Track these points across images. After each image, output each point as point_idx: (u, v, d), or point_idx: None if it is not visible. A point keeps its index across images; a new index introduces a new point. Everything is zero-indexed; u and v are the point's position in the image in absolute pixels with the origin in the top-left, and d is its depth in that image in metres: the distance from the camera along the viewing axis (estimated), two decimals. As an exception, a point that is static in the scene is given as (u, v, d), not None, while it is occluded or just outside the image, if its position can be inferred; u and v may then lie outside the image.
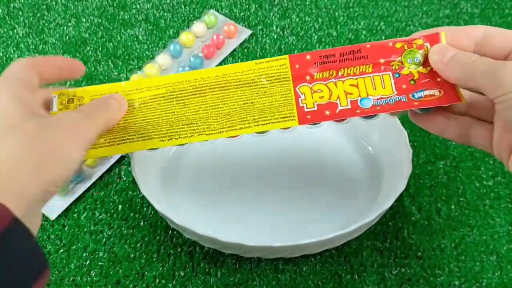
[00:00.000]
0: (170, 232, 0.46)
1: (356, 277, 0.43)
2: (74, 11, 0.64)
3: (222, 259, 0.44)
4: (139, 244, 0.45)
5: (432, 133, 0.36)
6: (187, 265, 0.44)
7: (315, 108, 0.35)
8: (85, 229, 0.46)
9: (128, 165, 0.50)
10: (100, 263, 0.44)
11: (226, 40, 0.61)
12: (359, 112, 0.34)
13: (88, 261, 0.44)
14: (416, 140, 0.52)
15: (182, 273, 0.44)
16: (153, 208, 0.47)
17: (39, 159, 0.28)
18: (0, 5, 0.65)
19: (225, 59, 0.60)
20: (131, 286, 0.43)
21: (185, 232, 0.42)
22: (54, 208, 0.47)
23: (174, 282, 0.43)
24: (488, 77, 0.30)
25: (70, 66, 0.36)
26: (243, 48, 0.61)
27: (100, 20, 0.63)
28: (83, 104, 0.36)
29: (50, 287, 0.43)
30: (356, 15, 0.65)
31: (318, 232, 0.39)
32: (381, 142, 0.49)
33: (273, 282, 0.43)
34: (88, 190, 0.49)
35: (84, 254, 0.45)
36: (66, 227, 0.47)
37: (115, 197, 0.48)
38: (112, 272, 0.44)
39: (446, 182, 0.49)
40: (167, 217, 0.41)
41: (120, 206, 0.48)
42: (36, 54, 0.60)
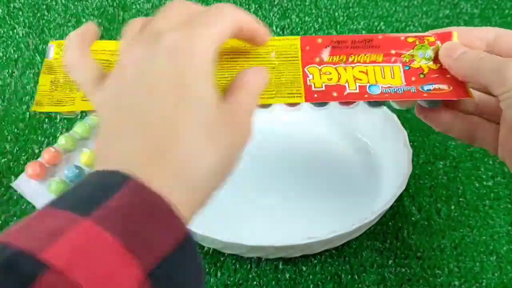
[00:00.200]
0: (170, 232, 0.46)
1: (356, 277, 0.43)
2: (74, 11, 0.64)
3: (222, 259, 0.44)
4: (139, 244, 0.45)
5: (438, 131, 0.35)
6: (187, 265, 0.44)
7: (323, 88, 0.34)
8: (85, 229, 0.46)
9: (128, 165, 0.50)
10: (100, 263, 0.44)
11: (226, 40, 0.61)
12: (367, 97, 0.33)
13: (88, 261, 0.44)
14: (416, 140, 0.52)
15: (182, 273, 0.43)
16: (153, 208, 0.47)
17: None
18: (0, 5, 0.65)
19: (225, 59, 0.60)
20: (131, 286, 0.43)
21: (185, 232, 0.42)
22: (54, 208, 0.47)
23: (174, 282, 0.43)
24: (495, 74, 0.30)
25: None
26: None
27: (100, 20, 0.63)
28: None
29: None
30: (356, 15, 0.65)
31: (318, 232, 0.39)
32: (381, 142, 0.49)
33: (273, 282, 0.43)
34: (88, 190, 0.49)
35: (84, 254, 0.45)
36: (66, 227, 0.46)
37: (115, 197, 0.48)
38: (112, 272, 0.44)
39: (446, 183, 0.49)
40: (167, 217, 0.41)
41: (120, 206, 0.48)
42: (36, 54, 0.60)
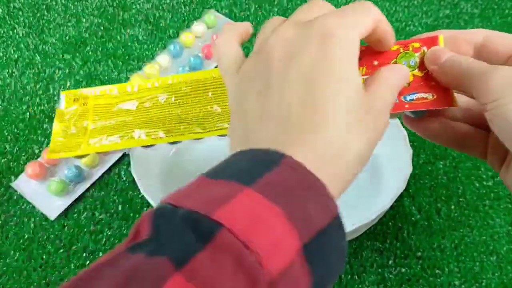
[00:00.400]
0: (170, 232, 0.46)
1: (356, 277, 0.43)
2: (74, 11, 0.64)
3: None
4: (139, 244, 0.45)
5: (426, 139, 0.35)
6: (187, 265, 0.44)
7: None
8: (85, 229, 0.46)
9: (128, 165, 0.50)
10: (100, 263, 0.44)
11: (226, 40, 0.61)
12: None
13: (88, 261, 0.44)
14: (416, 140, 0.52)
15: (182, 273, 0.44)
16: (153, 208, 0.47)
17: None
18: (0, 5, 0.65)
19: (225, 59, 0.60)
20: (131, 286, 0.43)
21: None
22: (54, 208, 0.47)
23: (174, 282, 0.43)
24: (480, 82, 0.28)
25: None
26: (243, 48, 0.61)
27: (100, 20, 0.63)
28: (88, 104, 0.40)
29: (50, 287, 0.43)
30: (356, 15, 0.65)
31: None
32: (381, 142, 0.49)
33: (273, 282, 0.43)
34: (88, 190, 0.49)
35: (84, 254, 0.45)
36: (66, 227, 0.47)
37: (115, 197, 0.48)
38: (112, 272, 0.44)
39: (446, 183, 0.49)
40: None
41: (120, 206, 0.48)
42: (36, 54, 0.60)
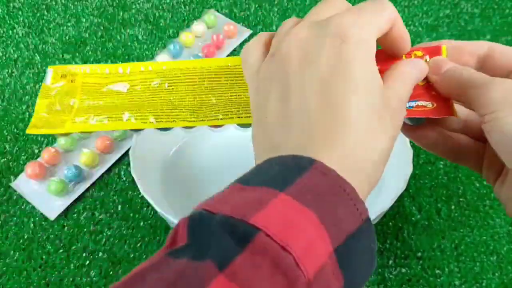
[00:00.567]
0: (170, 232, 0.46)
1: (356, 278, 0.43)
2: (74, 11, 0.64)
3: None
4: (139, 245, 0.45)
5: (423, 148, 0.34)
6: (187, 266, 0.44)
7: None
8: (85, 229, 0.46)
9: (128, 165, 0.50)
10: (100, 264, 0.44)
11: (226, 40, 0.61)
12: None
13: (88, 262, 0.44)
14: (416, 140, 0.52)
15: (182, 274, 0.43)
16: (153, 209, 0.47)
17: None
18: (0, 5, 0.65)
19: (225, 59, 0.60)
20: (131, 287, 0.43)
21: (185, 233, 0.42)
22: (54, 208, 0.47)
23: (174, 283, 0.43)
24: (479, 94, 0.28)
25: None
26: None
27: (100, 20, 0.63)
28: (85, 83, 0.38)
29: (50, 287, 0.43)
30: (356, 15, 0.65)
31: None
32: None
33: (273, 283, 0.43)
34: (88, 190, 0.49)
35: (84, 254, 0.45)
36: (66, 227, 0.46)
37: (115, 197, 0.48)
38: (112, 273, 0.44)
39: (446, 183, 0.49)
40: (167, 218, 0.41)
41: (120, 206, 0.48)
42: (36, 54, 0.60)
